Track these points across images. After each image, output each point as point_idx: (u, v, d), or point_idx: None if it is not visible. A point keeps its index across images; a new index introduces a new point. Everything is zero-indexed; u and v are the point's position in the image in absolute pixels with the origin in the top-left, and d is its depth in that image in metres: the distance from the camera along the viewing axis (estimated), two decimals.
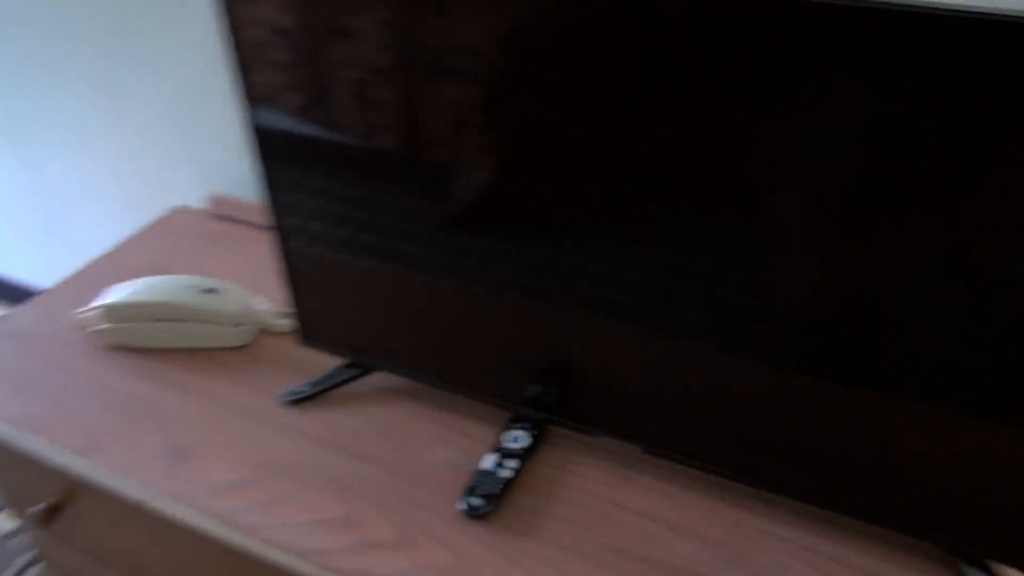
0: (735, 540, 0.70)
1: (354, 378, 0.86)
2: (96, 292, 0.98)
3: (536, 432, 0.78)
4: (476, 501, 0.71)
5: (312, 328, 0.84)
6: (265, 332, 0.95)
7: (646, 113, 0.55)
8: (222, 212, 1.19)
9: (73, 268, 1.58)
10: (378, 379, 0.87)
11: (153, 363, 0.90)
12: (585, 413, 0.74)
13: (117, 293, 0.90)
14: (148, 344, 0.92)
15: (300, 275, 0.80)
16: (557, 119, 0.58)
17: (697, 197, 0.57)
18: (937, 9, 0.45)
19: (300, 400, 0.84)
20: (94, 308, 0.93)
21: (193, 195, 1.29)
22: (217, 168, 1.23)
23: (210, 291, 0.91)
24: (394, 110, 0.64)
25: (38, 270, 1.69)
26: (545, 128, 0.59)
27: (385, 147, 0.66)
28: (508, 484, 0.73)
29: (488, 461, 0.75)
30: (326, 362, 0.88)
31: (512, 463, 0.75)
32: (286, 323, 0.94)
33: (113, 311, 0.90)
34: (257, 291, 0.99)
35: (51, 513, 0.86)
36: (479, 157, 0.63)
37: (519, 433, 0.77)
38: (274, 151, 0.72)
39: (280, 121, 0.70)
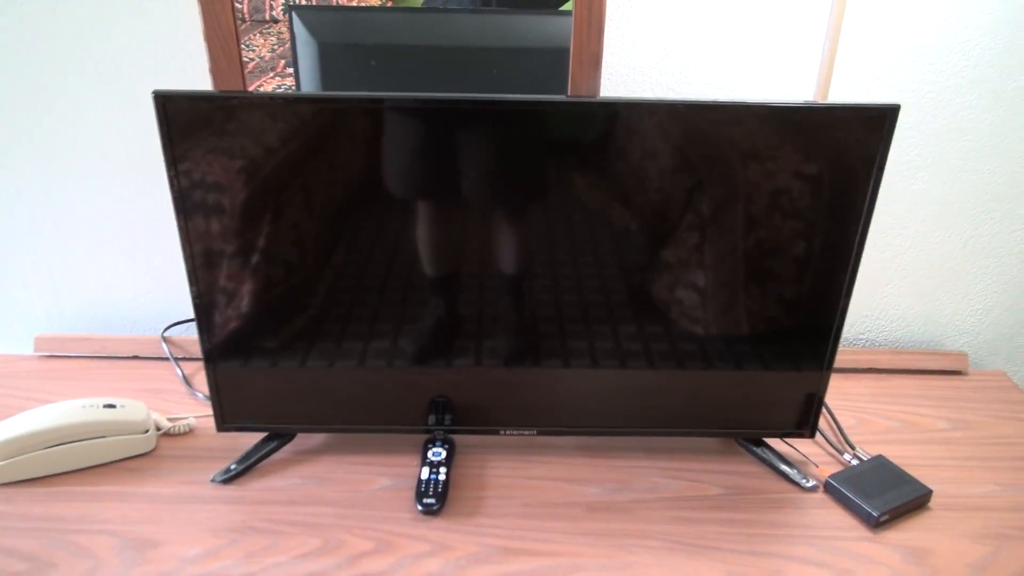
0: (616, 476, 0.96)
1: (277, 448, 0.97)
2: None
3: (448, 445, 0.97)
4: (429, 501, 0.89)
5: (229, 414, 0.95)
6: (165, 435, 1.01)
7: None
8: (47, 351, 1.20)
9: None
10: (295, 446, 1.00)
11: (61, 487, 0.92)
12: (489, 418, 0.96)
13: (4, 430, 0.91)
14: (48, 471, 0.93)
15: (219, 373, 0.92)
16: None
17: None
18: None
19: (233, 477, 0.94)
20: None
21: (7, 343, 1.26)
22: (32, 313, 1.23)
23: (109, 406, 0.96)
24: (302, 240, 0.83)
25: None
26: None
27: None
28: (446, 484, 0.92)
29: (424, 472, 0.93)
30: (239, 444, 0.98)
31: (443, 470, 0.93)
32: (183, 424, 1.02)
33: (5, 447, 0.90)
34: None
35: None
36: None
37: (437, 449, 0.96)
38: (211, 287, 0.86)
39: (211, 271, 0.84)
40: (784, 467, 0.97)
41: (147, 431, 0.97)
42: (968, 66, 1.04)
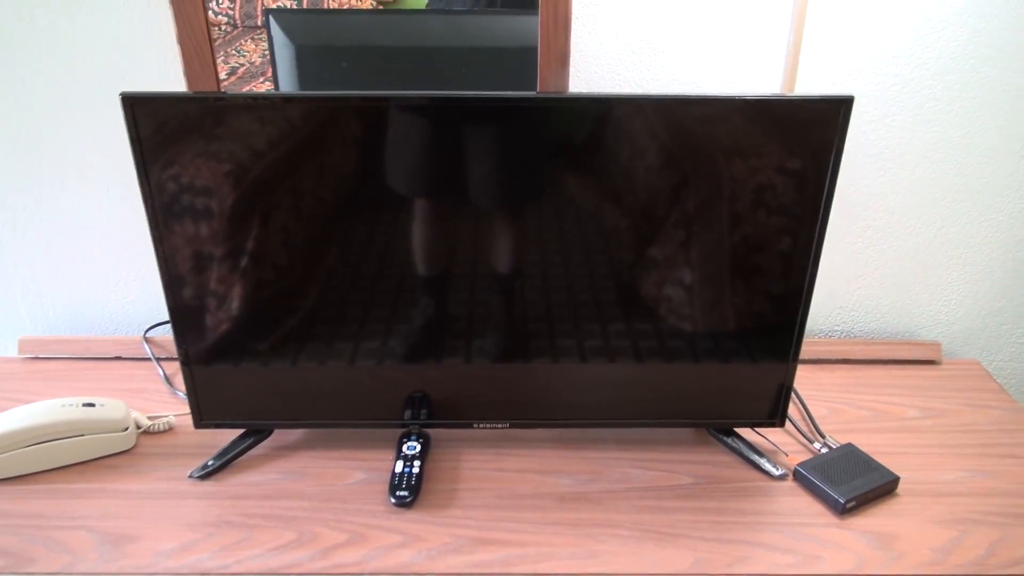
0: (589, 468, 0.97)
1: (254, 444, 0.99)
2: None
3: (423, 439, 0.99)
4: (402, 493, 0.90)
5: (207, 411, 0.97)
6: (145, 433, 1.03)
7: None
8: (31, 352, 1.21)
9: None
10: (272, 441, 1.01)
11: (41, 485, 0.93)
12: (463, 412, 0.98)
13: None
14: (29, 470, 0.95)
15: (196, 372, 0.93)
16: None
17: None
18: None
19: (210, 473, 0.95)
20: None
21: None
22: (15, 316, 1.25)
23: (88, 405, 0.98)
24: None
25: None
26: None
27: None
28: (420, 477, 0.93)
29: (398, 466, 0.94)
30: (218, 440, 1.00)
31: (416, 463, 0.95)
32: (163, 422, 1.03)
33: None
34: None
35: None
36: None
37: (412, 443, 0.98)
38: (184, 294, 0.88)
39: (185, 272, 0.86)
40: (754, 456, 0.98)
41: (126, 429, 0.99)
42: (933, 58, 1.06)
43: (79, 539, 0.85)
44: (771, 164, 0.83)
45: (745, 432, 1.03)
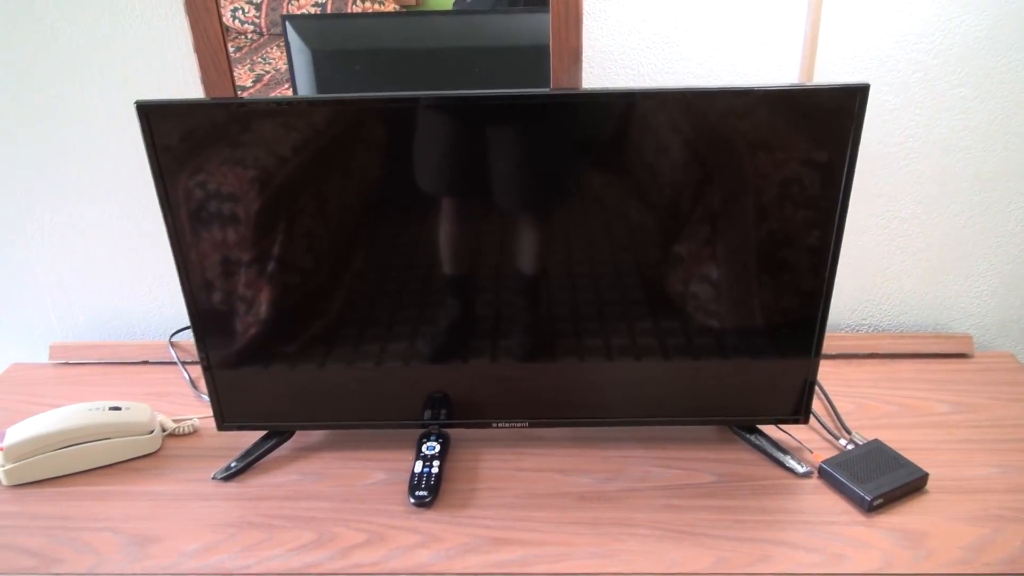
0: (609, 467, 0.97)
1: (276, 445, 1.00)
2: None
3: (442, 439, 0.99)
4: (421, 493, 0.90)
5: (229, 413, 0.98)
6: (170, 436, 1.04)
7: None
8: (61, 358, 1.24)
9: None
10: (294, 443, 1.02)
11: (69, 487, 0.95)
12: (482, 412, 0.97)
13: (16, 433, 0.95)
14: (57, 472, 0.97)
15: (218, 376, 0.94)
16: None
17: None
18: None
19: (233, 474, 0.96)
20: None
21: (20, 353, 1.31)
22: (46, 323, 1.28)
23: (115, 408, 0.99)
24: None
25: None
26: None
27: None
28: (439, 477, 0.93)
29: (417, 466, 0.94)
30: (241, 442, 1.01)
31: (436, 463, 0.95)
32: (187, 424, 1.05)
33: (16, 449, 0.94)
34: None
35: None
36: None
37: (431, 443, 0.98)
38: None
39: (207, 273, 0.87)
40: (778, 453, 0.97)
41: (152, 432, 1.00)
42: (956, 43, 1.03)
43: (105, 540, 0.87)
44: (791, 156, 0.82)
45: (769, 429, 1.01)
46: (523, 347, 0.93)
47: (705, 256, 0.88)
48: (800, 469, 0.95)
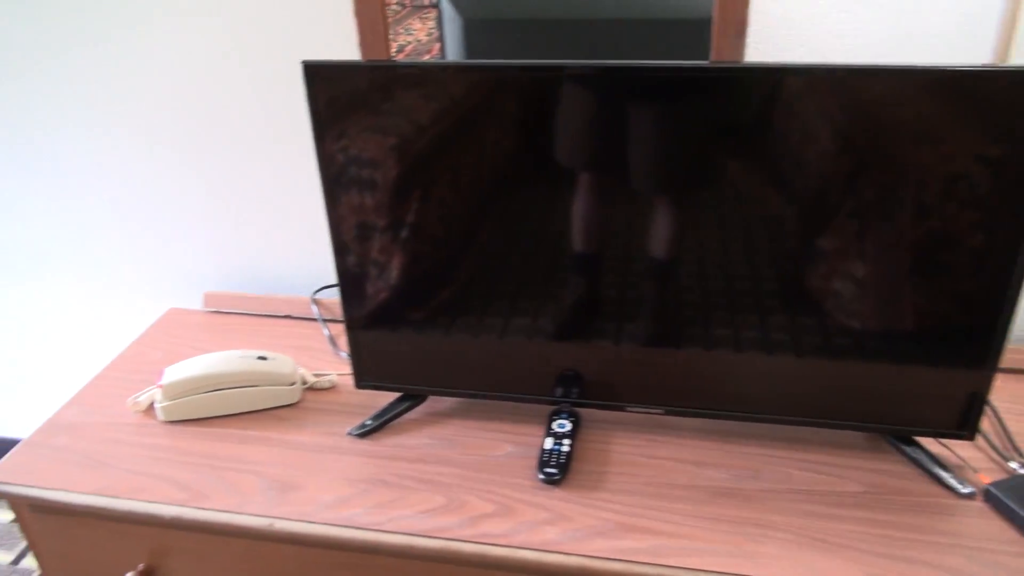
0: (748, 464, 0.92)
1: (409, 408, 1.01)
2: (124, 386, 1.08)
3: (574, 418, 0.97)
4: (551, 470, 0.89)
5: (367, 373, 1.00)
6: (310, 389, 1.08)
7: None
8: (214, 306, 1.31)
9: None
10: (426, 407, 1.03)
11: (217, 428, 1.00)
12: (616, 394, 0.95)
13: (174, 373, 1.01)
14: (207, 414, 1.02)
15: (359, 335, 0.96)
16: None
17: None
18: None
19: (368, 432, 0.99)
20: (150, 390, 1.03)
21: (178, 299, 1.40)
22: (202, 272, 1.35)
23: (262, 358, 1.04)
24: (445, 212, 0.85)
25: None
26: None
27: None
28: (569, 456, 0.92)
29: (548, 443, 0.93)
30: (376, 401, 1.03)
31: (566, 442, 0.93)
32: (326, 379, 1.08)
33: (173, 388, 1.00)
34: None
35: (148, 575, 0.93)
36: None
37: (562, 421, 0.96)
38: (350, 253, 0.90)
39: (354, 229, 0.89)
40: (937, 469, 0.89)
41: (293, 384, 1.04)
42: None
43: (249, 482, 0.91)
44: (967, 149, 0.74)
45: (927, 442, 0.93)
46: (652, 333, 0.90)
47: (854, 253, 0.81)
48: (962, 489, 0.87)
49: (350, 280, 0.94)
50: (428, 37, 1.12)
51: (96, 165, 1.29)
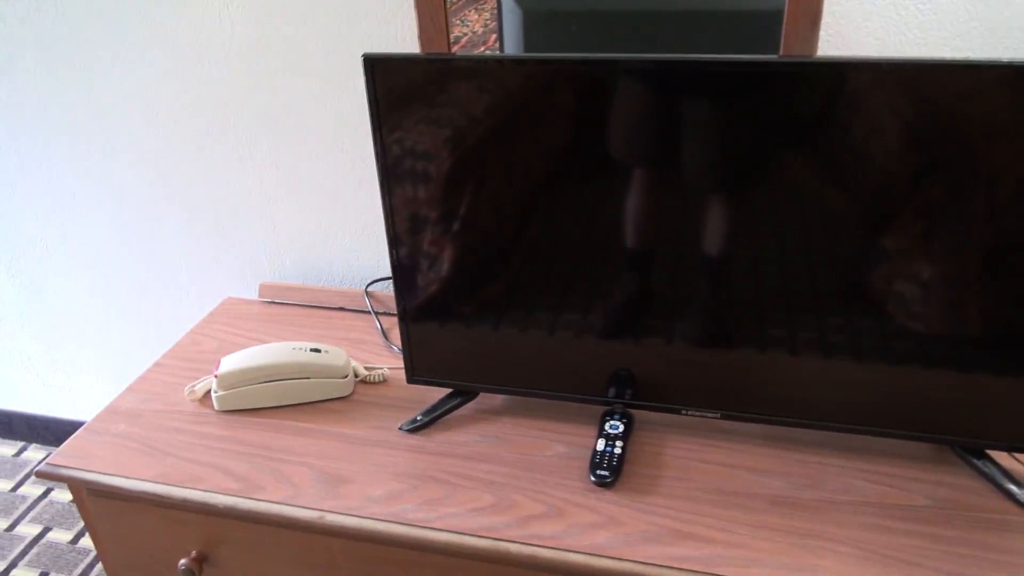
0: (806, 472, 0.89)
1: (460, 404, 1.01)
2: (181, 374, 1.10)
3: (626, 420, 0.95)
4: (603, 472, 0.88)
5: (419, 368, 0.99)
6: (362, 382, 1.08)
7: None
8: (269, 297, 1.32)
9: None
10: (477, 404, 1.02)
11: (271, 419, 1.01)
12: (670, 396, 0.93)
13: (230, 363, 1.02)
14: (261, 404, 1.03)
15: (412, 330, 0.96)
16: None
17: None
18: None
19: (418, 428, 0.98)
20: (206, 379, 1.04)
21: (234, 287, 1.42)
22: (257, 263, 1.37)
23: (315, 350, 1.04)
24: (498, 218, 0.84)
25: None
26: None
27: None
28: (621, 458, 0.90)
29: (600, 444, 0.92)
30: (427, 397, 1.03)
31: (619, 443, 0.92)
32: (378, 373, 1.08)
33: (228, 378, 1.01)
34: None
35: (200, 562, 0.94)
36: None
37: (615, 422, 0.95)
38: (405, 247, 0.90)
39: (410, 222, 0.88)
40: (1011, 485, 0.85)
41: (346, 376, 1.04)
42: None
43: (301, 474, 0.91)
44: None
45: (999, 456, 0.89)
46: (706, 333, 0.87)
47: (919, 254, 0.78)
48: None
49: (404, 273, 0.93)
50: (484, 29, 1.11)
51: (155, 157, 1.31)
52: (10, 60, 1.29)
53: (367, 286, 1.29)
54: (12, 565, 1.50)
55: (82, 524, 1.61)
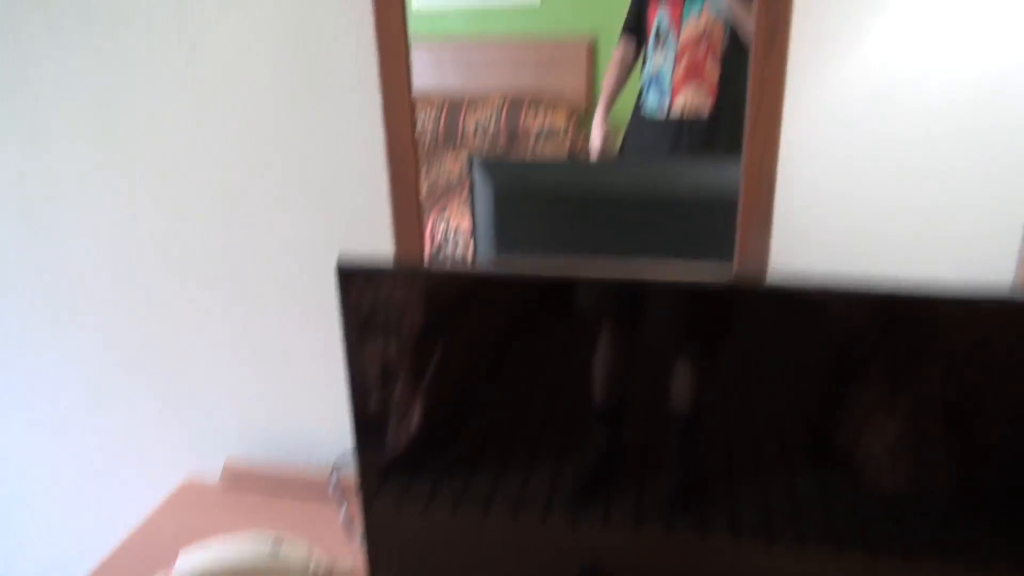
0: None
1: None
2: (137, 568, 1.05)
3: None
4: None
5: (381, 567, 0.96)
6: None
7: None
8: (233, 481, 1.28)
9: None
10: None
11: None
12: None
13: (187, 562, 0.98)
14: None
15: (373, 522, 0.94)
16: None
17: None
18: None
19: None
20: None
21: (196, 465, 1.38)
22: (224, 433, 1.34)
23: (277, 544, 1.00)
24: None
25: None
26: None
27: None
28: None
29: None
30: None
31: None
32: (344, 567, 1.04)
33: None
34: None
35: None
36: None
37: None
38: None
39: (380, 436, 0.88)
40: None
41: (310, 573, 1.00)
42: None
43: None
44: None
45: None
46: (673, 516, 0.86)
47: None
48: None
49: (368, 465, 0.91)
50: (459, 174, 1.18)
51: (106, 321, 1.30)
52: None
53: (331, 472, 1.26)
54: None
55: None
